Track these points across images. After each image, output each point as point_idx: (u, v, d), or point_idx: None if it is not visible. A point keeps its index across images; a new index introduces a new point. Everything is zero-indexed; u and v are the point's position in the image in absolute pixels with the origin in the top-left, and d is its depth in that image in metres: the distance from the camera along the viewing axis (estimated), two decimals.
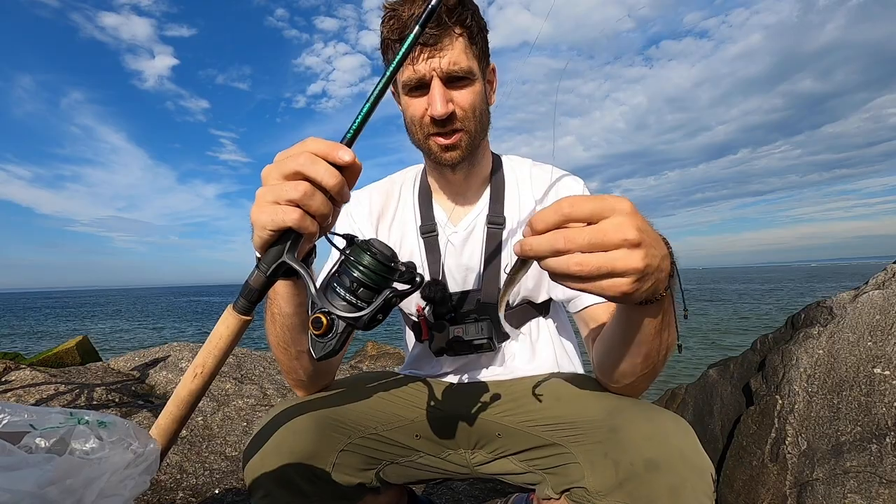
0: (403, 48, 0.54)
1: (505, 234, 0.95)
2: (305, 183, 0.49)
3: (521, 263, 0.55)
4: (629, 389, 0.78)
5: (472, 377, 1.00)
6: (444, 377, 1.02)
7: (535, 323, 1.00)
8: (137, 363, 3.08)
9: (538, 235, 0.50)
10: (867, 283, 1.50)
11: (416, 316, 0.96)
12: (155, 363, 3.04)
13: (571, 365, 1.03)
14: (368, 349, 4.98)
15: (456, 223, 0.99)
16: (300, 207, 0.49)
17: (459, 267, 0.97)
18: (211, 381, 0.55)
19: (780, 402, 1.40)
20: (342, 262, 0.52)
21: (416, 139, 0.91)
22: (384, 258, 0.51)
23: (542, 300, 0.99)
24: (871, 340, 1.37)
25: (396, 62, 0.54)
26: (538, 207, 0.97)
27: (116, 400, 2.40)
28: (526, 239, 0.51)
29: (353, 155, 0.50)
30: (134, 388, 2.66)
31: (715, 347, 9.42)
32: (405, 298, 0.54)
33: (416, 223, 1.00)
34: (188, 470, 1.79)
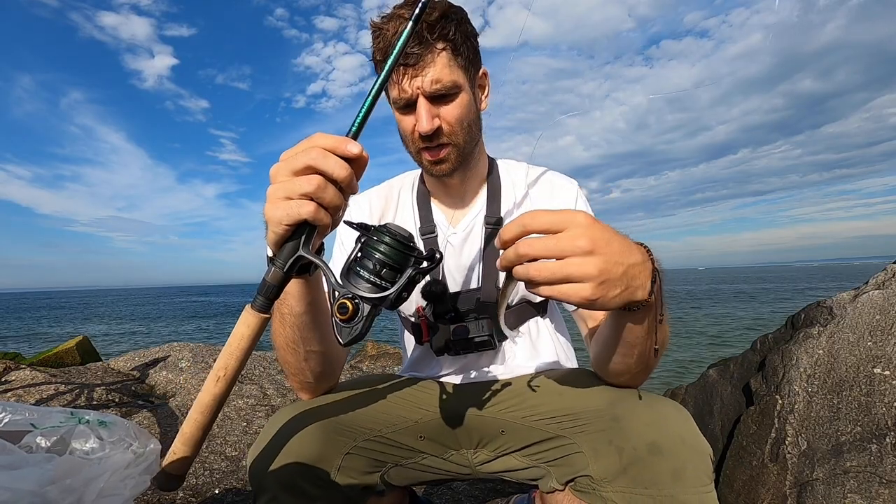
0: (382, 74, 0.56)
1: None
2: (318, 176, 0.50)
3: (507, 276, 0.59)
4: (627, 383, 0.80)
5: (473, 377, 1.00)
6: (444, 378, 1.02)
7: (534, 322, 1.01)
8: (137, 363, 3.08)
9: (505, 247, 0.56)
10: (867, 283, 1.50)
11: (416, 317, 0.97)
12: (155, 363, 3.03)
13: (570, 362, 1.04)
14: (368, 349, 4.98)
15: (455, 225, 1.01)
16: (314, 200, 0.51)
17: (459, 267, 0.98)
18: (233, 383, 0.54)
19: (780, 402, 1.40)
20: (362, 246, 0.55)
21: (409, 152, 0.95)
22: (403, 238, 0.54)
23: (539, 299, 1.00)
24: (871, 340, 1.37)
25: (379, 83, 0.56)
26: (533, 207, 0.99)
27: (116, 400, 2.40)
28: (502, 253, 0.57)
29: (360, 147, 0.52)
30: (134, 388, 2.66)
31: (715, 347, 9.43)
32: (427, 274, 0.56)
33: (415, 226, 1.02)
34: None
